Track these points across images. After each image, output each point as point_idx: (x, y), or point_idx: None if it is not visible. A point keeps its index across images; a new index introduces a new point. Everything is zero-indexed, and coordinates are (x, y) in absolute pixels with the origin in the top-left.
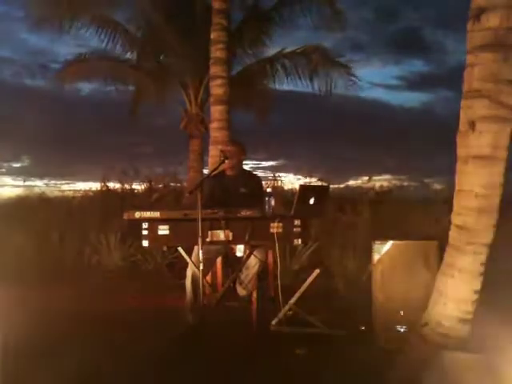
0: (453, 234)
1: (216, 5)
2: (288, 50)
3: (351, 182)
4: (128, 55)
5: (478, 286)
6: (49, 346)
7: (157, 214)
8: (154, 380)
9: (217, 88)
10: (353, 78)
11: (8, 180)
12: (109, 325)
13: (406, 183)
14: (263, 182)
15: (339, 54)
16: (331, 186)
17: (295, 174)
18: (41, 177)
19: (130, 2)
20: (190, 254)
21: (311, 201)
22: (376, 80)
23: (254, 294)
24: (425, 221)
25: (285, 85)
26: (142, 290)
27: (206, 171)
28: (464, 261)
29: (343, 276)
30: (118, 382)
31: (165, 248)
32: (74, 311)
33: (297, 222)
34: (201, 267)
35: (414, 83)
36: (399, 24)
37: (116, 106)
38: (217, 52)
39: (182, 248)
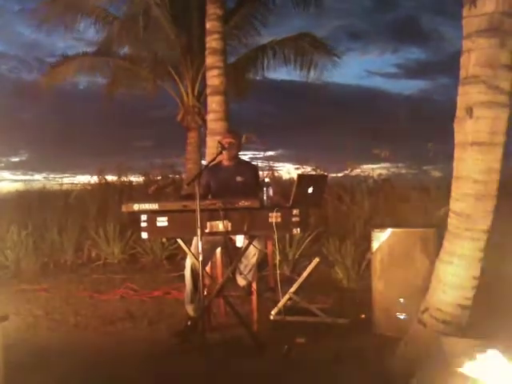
0: (451, 220)
1: None
2: (278, 38)
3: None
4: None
5: (477, 272)
6: None
7: (155, 206)
8: (155, 368)
9: (213, 79)
10: (335, 58)
11: (6, 175)
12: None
13: (404, 171)
14: (260, 172)
15: (326, 39)
16: (329, 174)
17: (293, 163)
18: (39, 171)
19: None
20: (189, 245)
21: (309, 190)
22: (374, 68)
23: (254, 284)
24: (423, 208)
25: (276, 73)
26: (142, 281)
27: (204, 162)
28: (463, 247)
29: (342, 264)
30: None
31: (164, 239)
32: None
33: (295, 212)
34: (200, 258)
35: (411, 71)
36: (396, 12)
37: (112, 99)
38: (212, 42)
39: (181, 239)
